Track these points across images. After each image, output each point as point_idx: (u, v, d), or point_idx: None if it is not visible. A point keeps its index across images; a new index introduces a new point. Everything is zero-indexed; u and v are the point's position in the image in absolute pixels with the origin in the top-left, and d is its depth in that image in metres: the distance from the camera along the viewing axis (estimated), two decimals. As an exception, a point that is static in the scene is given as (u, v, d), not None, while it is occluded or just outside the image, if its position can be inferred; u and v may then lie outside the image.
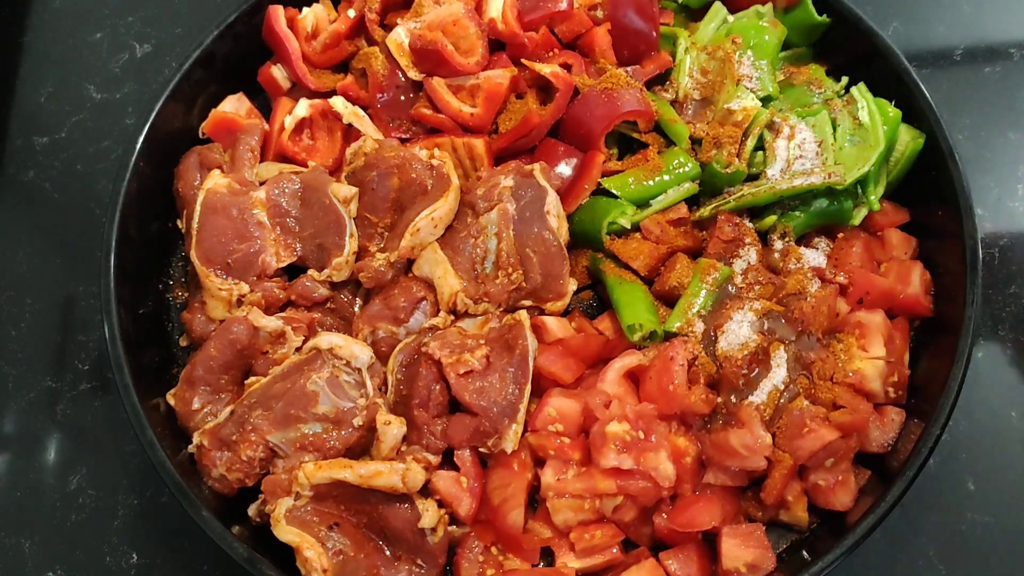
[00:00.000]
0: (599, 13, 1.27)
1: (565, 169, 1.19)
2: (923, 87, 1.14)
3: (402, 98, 1.24)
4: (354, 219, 1.14)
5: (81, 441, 1.20)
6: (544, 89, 1.23)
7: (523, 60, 1.22)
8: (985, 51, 1.36)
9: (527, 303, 1.12)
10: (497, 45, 1.25)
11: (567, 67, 1.22)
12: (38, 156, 1.37)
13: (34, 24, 1.47)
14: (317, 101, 1.24)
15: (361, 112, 1.24)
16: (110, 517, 1.16)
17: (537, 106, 1.21)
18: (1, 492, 1.17)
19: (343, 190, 1.13)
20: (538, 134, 1.20)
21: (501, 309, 1.11)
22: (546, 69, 1.20)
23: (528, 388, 1.05)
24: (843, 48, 1.24)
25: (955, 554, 1.09)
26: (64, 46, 1.45)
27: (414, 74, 1.22)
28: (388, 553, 1.03)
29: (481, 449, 1.04)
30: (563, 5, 1.23)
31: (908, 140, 1.15)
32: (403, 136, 1.24)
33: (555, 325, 1.11)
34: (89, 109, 1.40)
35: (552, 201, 1.12)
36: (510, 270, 1.10)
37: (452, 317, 1.11)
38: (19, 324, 1.27)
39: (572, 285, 1.13)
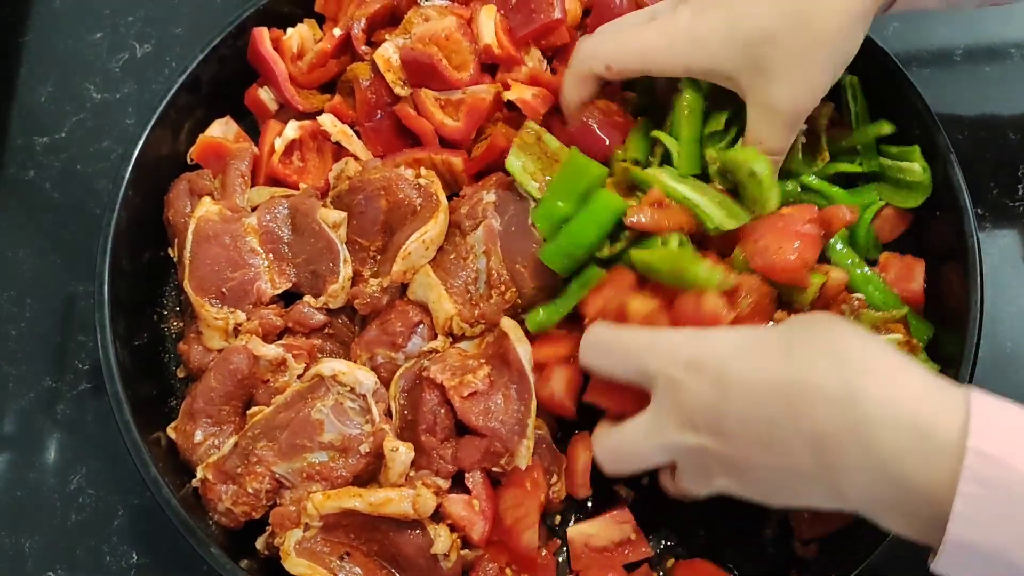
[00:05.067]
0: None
1: None
2: (917, 88, 1.14)
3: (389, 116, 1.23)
4: (345, 244, 1.13)
5: (81, 441, 1.20)
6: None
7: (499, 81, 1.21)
8: (985, 51, 1.36)
9: (522, 316, 1.10)
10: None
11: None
12: (38, 156, 1.36)
13: (34, 24, 1.46)
14: (306, 122, 1.23)
15: (350, 131, 1.23)
16: (110, 517, 1.16)
17: (505, 128, 1.19)
18: (1, 492, 1.17)
19: (331, 215, 1.12)
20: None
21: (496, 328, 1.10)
22: (513, 95, 1.19)
23: (534, 401, 1.04)
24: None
25: None
26: (64, 46, 1.44)
27: (400, 90, 1.20)
28: (401, 580, 1.02)
29: (494, 469, 1.03)
30: (556, 14, 1.21)
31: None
32: (382, 154, 1.23)
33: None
34: (89, 109, 1.39)
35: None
36: (503, 288, 1.09)
37: (450, 339, 1.10)
38: (19, 324, 1.26)
39: None
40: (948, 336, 1.06)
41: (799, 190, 1.11)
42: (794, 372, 0.80)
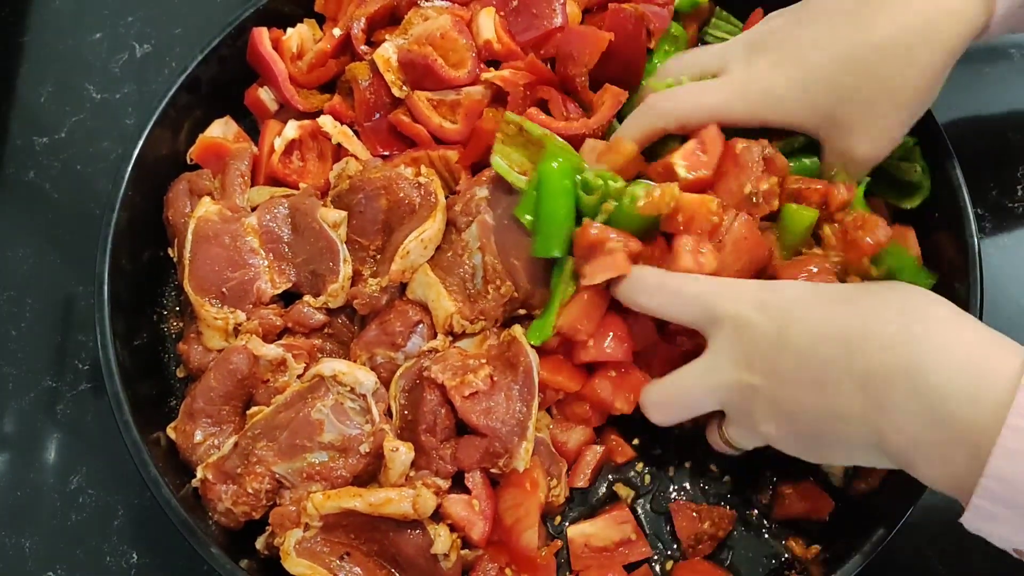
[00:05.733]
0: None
1: None
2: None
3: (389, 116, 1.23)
4: (345, 243, 1.12)
5: (81, 441, 1.20)
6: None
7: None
8: (985, 51, 1.36)
9: (521, 312, 1.10)
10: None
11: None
12: (38, 156, 1.36)
13: (34, 24, 1.46)
14: (306, 122, 1.23)
15: (349, 131, 1.23)
16: (110, 517, 1.16)
17: (492, 112, 1.20)
18: (1, 492, 1.18)
19: (331, 215, 1.12)
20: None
21: (498, 324, 1.10)
22: (490, 75, 1.19)
23: (535, 404, 1.04)
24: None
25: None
26: (64, 46, 1.45)
27: (398, 91, 1.20)
28: (401, 580, 1.02)
29: (492, 470, 1.03)
30: (558, 21, 1.21)
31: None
32: (385, 153, 1.23)
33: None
34: (89, 109, 1.40)
35: None
36: (499, 283, 1.09)
37: (450, 338, 1.10)
38: (19, 324, 1.27)
39: None
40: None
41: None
42: (854, 317, 0.84)
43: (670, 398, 0.98)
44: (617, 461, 1.12)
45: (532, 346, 1.06)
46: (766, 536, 1.08)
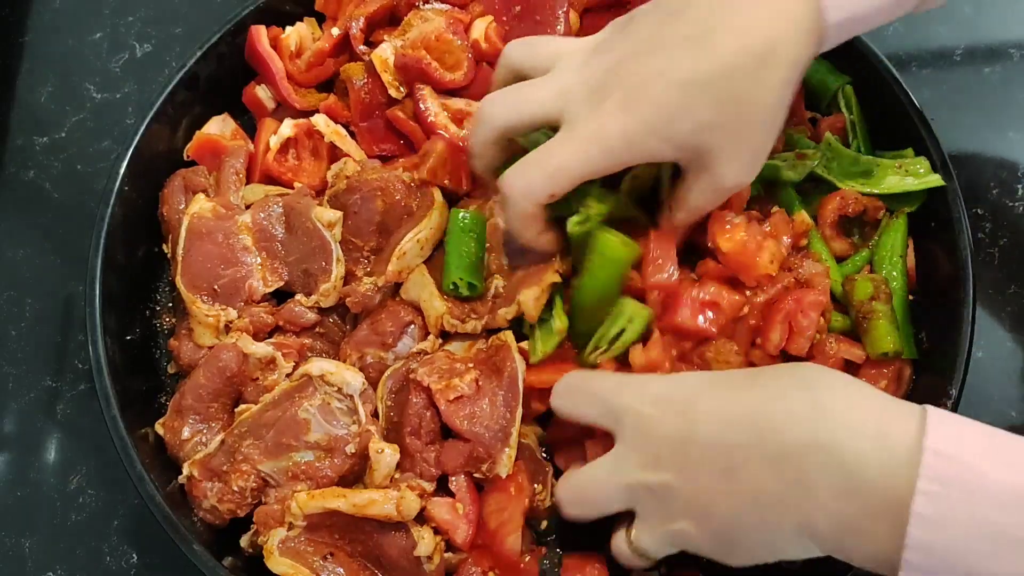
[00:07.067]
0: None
1: None
2: (911, 95, 1.13)
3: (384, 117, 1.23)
4: (339, 243, 1.12)
5: (81, 441, 1.20)
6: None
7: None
8: (985, 51, 1.34)
9: (506, 309, 1.07)
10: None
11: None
12: (38, 156, 1.36)
13: (34, 24, 1.46)
14: (302, 121, 1.22)
15: (343, 131, 1.22)
16: (110, 517, 1.16)
17: None
18: (1, 492, 1.18)
19: (327, 214, 1.11)
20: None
21: (483, 321, 1.09)
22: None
23: (519, 411, 1.03)
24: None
25: None
26: (64, 46, 1.44)
27: (395, 92, 1.20)
28: (384, 582, 1.01)
29: (476, 474, 1.03)
30: (561, 28, 1.20)
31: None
32: (383, 155, 1.23)
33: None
34: (89, 109, 1.39)
35: None
36: (491, 280, 1.09)
37: (440, 341, 1.10)
38: (19, 324, 1.26)
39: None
40: (944, 342, 1.05)
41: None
42: (759, 397, 0.82)
43: (580, 492, 0.95)
44: None
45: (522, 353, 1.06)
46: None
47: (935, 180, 1.08)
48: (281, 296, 1.14)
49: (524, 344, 1.07)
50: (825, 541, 0.79)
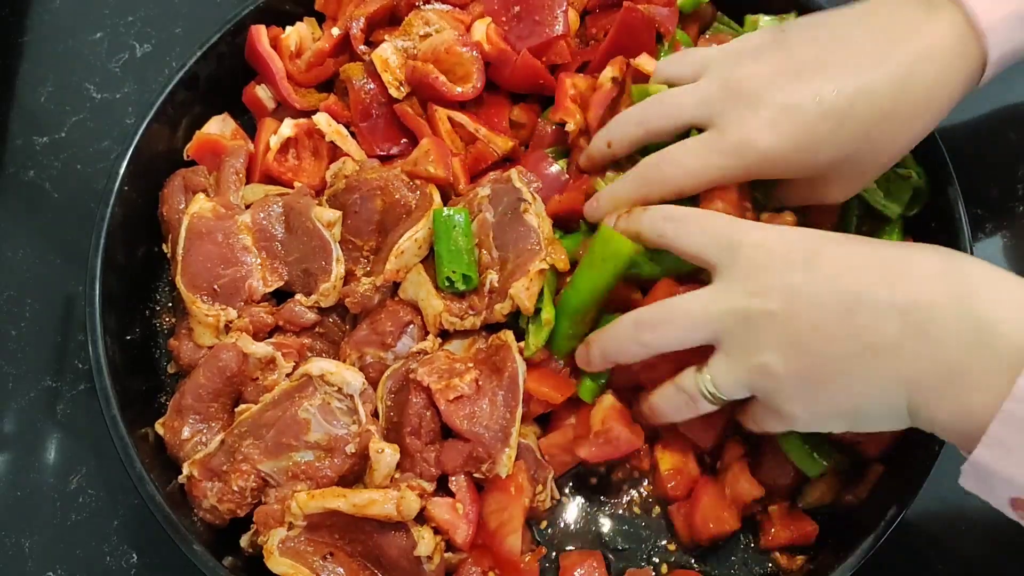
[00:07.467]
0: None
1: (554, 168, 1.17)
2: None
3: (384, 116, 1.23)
4: (339, 242, 1.12)
5: (81, 441, 1.20)
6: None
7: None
8: (985, 51, 1.33)
9: (502, 304, 1.06)
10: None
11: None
12: (38, 156, 1.36)
13: (34, 24, 1.46)
14: (302, 120, 1.22)
15: (344, 131, 1.22)
16: (110, 517, 1.16)
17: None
18: (1, 492, 1.18)
19: (326, 214, 1.11)
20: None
21: (482, 317, 1.08)
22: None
23: (519, 412, 1.03)
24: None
25: None
26: (64, 46, 1.44)
27: (395, 92, 1.20)
28: (384, 582, 1.01)
29: (476, 474, 1.02)
30: (559, 28, 1.19)
31: None
32: (383, 155, 1.23)
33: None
34: (89, 109, 1.40)
35: (530, 199, 1.09)
36: (486, 275, 1.09)
37: (440, 340, 1.10)
38: (19, 324, 1.27)
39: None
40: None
41: None
42: (893, 249, 0.84)
43: (664, 317, 0.92)
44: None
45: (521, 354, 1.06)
46: (752, 548, 1.06)
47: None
48: (281, 296, 1.14)
49: (523, 344, 1.08)
50: (923, 393, 0.79)
